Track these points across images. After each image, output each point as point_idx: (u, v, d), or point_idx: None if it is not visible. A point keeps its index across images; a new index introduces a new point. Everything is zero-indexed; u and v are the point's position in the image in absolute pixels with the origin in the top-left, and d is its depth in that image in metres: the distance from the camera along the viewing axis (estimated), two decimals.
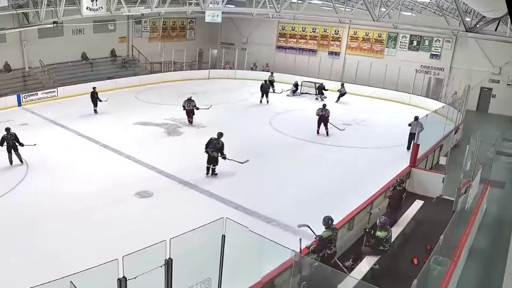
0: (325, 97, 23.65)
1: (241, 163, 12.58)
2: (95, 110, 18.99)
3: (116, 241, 8.49)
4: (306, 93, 24.96)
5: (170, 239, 5.12)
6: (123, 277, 4.82)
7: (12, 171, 12.39)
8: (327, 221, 6.97)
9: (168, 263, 5.35)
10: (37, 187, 11.43)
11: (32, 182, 11.77)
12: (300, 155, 14.87)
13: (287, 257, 5.92)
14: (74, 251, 8.27)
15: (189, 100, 17.68)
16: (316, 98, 23.83)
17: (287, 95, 24.40)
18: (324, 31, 28.75)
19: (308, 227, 6.99)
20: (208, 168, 12.42)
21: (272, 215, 10.01)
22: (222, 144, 12.24)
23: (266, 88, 22.15)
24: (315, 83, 24.90)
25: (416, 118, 14.63)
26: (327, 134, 16.83)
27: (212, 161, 12.32)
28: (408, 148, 14.64)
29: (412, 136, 14.21)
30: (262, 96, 22.11)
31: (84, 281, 4.45)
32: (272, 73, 26.64)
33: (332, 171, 13.33)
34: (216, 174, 12.39)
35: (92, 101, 18.89)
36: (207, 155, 12.26)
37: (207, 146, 12.32)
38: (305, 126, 17.71)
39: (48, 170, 12.61)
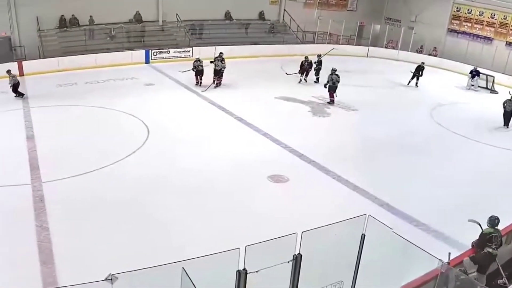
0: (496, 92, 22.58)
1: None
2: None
3: (239, 228, 8.80)
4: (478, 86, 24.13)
5: (302, 232, 5.21)
6: (244, 269, 4.92)
7: (134, 136, 13.35)
8: (494, 221, 7.44)
9: (297, 259, 5.45)
10: (156, 158, 12.05)
11: (151, 150, 12.51)
12: (462, 154, 14.10)
13: (433, 267, 5.90)
14: (189, 235, 8.66)
15: (198, 60, 18.99)
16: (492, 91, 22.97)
17: (473, 88, 23.29)
18: (504, 18, 27.75)
19: (479, 225, 7.42)
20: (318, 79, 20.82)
21: (422, 218, 9.92)
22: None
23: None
24: (487, 75, 24.19)
25: None
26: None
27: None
28: (505, 124, 16.87)
29: (506, 114, 16.66)
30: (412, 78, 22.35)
31: (197, 268, 4.54)
32: None
33: (497, 174, 12.62)
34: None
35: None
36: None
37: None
38: (472, 122, 17.05)
39: (172, 138, 13.42)
